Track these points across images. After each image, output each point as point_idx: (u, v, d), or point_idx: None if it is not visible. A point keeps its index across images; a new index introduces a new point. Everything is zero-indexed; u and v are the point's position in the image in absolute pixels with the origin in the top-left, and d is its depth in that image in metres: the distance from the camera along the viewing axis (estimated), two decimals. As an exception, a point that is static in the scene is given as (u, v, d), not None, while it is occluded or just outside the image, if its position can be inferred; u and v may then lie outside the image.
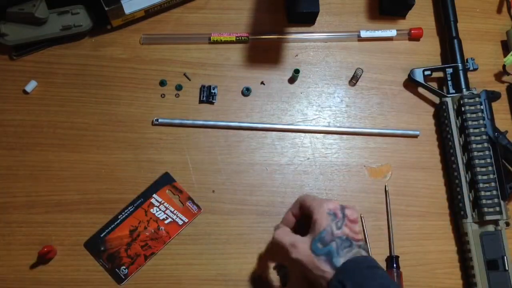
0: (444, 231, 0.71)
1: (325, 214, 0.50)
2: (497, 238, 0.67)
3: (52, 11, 0.70)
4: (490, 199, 0.67)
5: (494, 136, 0.69)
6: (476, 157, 0.68)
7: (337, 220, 0.50)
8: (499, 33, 0.80)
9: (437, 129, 0.75)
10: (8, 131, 0.68)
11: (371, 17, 0.79)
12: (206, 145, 0.70)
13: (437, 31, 0.79)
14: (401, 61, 0.77)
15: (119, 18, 0.71)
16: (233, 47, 0.75)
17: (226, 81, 0.73)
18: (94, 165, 0.68)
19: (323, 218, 0.50)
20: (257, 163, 0.70)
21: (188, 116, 0.71)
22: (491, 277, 0.65)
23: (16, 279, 0.63)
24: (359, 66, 0.75)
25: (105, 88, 0.71)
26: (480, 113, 0.69)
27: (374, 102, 0.75)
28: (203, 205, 0.68)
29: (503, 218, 0.66)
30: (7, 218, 0.65)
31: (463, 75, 0.73)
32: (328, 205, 0.51)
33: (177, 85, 0.72)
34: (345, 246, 0.49)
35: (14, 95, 0.70)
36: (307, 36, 0.77)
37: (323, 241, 0.49)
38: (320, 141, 0.73)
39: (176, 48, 0.74)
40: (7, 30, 0.69)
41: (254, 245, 0.66)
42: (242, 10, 0.77)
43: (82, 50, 0.72)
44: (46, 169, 0.67)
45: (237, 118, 0.72)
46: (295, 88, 0.75)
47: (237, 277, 0.66)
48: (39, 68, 0.71)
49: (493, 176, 0.67)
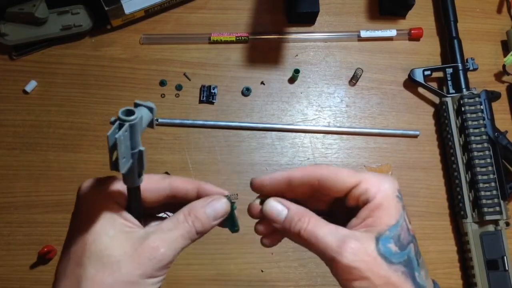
0: (444, 231, 0.71)
1: (394, 198, 0.34)
2: (497, 238, 0.67)
3: (52, 11, 0.70)
4: (490, 199, 0.67)
5: (494, 136, 0.69)
6: (476, 157, 0.68)
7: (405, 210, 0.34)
8: (499, 33, 0.80)
9: (437, 129, 0.75)
10: (8, 131, 0.68)
11: (371, 17, 0.79)
12: (206, 145, 0.70)
13: (437, 31, 0.79)
14: (401, 61, 0.77)
15: (119, 18, 0.71)
16: (233, 47, 0.75)
17: (226, 81, 0.73)
18: (94, 165, 0.68)
19: (391, 204, 0.33)
20: (257, 163, 0.70)
21: (188, 116, 0.71)
22: (491, 277, 0.65)
23: (16, 279, 0.63)
24: (359, 66, 0.75)
25: (105, 88, 0.71)
26: (480, 113, 0.69)
27: (374, 102, 0.75)
28: (203, 205, 0.68)
29: (503, 218, 0.66)
30: (7, 218, 0.65)
31: (463, 75, 0.73)
32: (395, 184, 0.35)
33: (177, 85, 0.72)
34: (419, 252, 0.34)
35: (14, 95, 0.70)
36: (307, 36, 0.77)
37: (399, 241, 0.33)
38: (320, 141, 0.72)
39: (176, 48, 0.74)
40: (7, 30, 0.69)
41: (254, 245, 0.66)
42: (242, 10, 0.77)
43: (82, 50, 0.72)
44: (46, 169, 0.67)
45: (237, 118, 0.72)
46: (295, 88, 0.75)
47: (237, 277, 0.66)
48: (39, 68, 0.71)
49: (493, 176, 0.67)
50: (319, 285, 0.66)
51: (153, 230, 0.33)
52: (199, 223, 0.34)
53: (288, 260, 0.67)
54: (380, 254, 0.32)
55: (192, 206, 0.34)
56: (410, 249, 0.33)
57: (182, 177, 0.37)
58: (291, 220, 0.34)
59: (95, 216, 0.32)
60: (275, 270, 0.66)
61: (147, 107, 0.31)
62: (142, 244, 0.32)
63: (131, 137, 0.29)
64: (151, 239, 0.32)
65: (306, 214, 0.34)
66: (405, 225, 0.33)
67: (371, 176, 0.34)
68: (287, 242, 0.37)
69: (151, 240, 0.32)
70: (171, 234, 0.33)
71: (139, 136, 0.30)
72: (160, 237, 0.32)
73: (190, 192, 0.36)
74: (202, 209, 0.34)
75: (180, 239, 0.33)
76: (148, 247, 0.32)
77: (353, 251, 0.31)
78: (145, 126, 0.31)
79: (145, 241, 0.32)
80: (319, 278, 0.66)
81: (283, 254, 0.67)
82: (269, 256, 0.67)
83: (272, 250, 0.67)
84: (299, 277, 0.66)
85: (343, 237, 0.32)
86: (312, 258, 0.67)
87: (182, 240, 0.33)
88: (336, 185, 0.35)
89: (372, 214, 0.33)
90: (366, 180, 0.34)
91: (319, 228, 0.33)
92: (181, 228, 0.33)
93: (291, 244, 0.66)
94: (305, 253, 0.66)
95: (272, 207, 0.35)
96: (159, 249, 0.32)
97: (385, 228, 0.32)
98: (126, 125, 0.29)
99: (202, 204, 0.35)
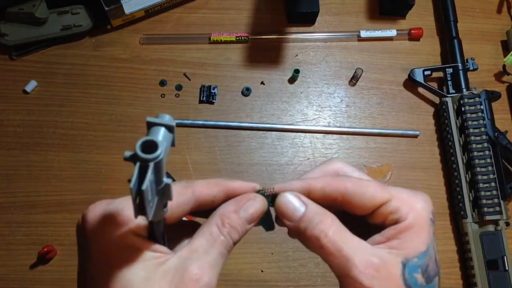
0: (444, 231, 0.71)
1: (427, 221, 0.30)
2: (497, 238, 0.66)
3: (52, 11, 0.70)
4: (490, 199, 0.67)
5: (494, 136, 0.69)
6: (476, 157, 0.68)
7: None
8: (499, 33, 0.80)
9: (437, 129, 0.75)
10: (8, 131, 0.68)
11: (371, 17, 0.79)
12: (206, 145, 0.70)
13: (437, 31, 0.79)
14: (401, 61, 0.77)
15: (119, 18, 0.71)
16: (233, 47, 0.75)
17: (226, 81, 0.73)
18: (94, 165, 0.68)
19: (424, 227, 0.29)
20: (257, 163, 0.70)
21: (188, 116, 0.71)
22: (491, 277, 0.65)
23: (16, 279, 0.63)
24: (359, 66, 0.75)
25: (105, 88, 0.71)
26: (480, 113, 0.69)
27: (374, 102, 0.75)
28: (203, 205, 0.68)
29: (503, 218, 0.66)
30: (7, 218, 0.65)
31: (463, 75, 0.73)
32: (429, 205, 0.30)
33: (177, 85, 0.72)
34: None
35: (14, 95, 0.70)
36: (307, 36, 0.77)
37: (426, 271, 0.29)
38: (320, 141, 0.72)
39: (176, 48, 0.74)
40: (7, 30, 0.69)
41: (254, 245, 0.66)
42: (242, 10, 0.77)
43: (82, 50, 0.72)
44: (46, 169, 0.67)
45: (237, 118, 0.72)
46: (295, 88, 0.75)
47: (237, 277, 0.65)
48: (39, 68, 0.71)
49: (493, 176, 0.67)
50: (319, 285, 0.66)
51: (186, 254, 0.28)
52: (235, 232, 0.29)
53: (288, 260, 0.67)
54: (405, 283, 0.27)
55: (225, 213, 0.30)
56: (435, 283, 0.29)
57: (204, 180, 0.31)
58: (310, 221, 0.29)
59: (118, 260, 0.27)
60: (275, 270, 0.66)
61: (166, 126, 0.24)
62: (183, 278, 0.27)
63: (155, 175, 0.23)
64: (191, 270, 0.27)
65: (328, 217, 0.30)
66: (434, 254, 0.29)
67: (403, 192, 0.30)
68: (287, 242, 0.37)
69: (191, 271, 0.27)
70: (210, 257, 0.28)
71: (164, 169, 0.24)
72: (199, 264, 0.27)
73: (217, 197, 0.31)
74: (236, 215, 0.29)
75: (219, 259, 0.28)
76: (190, 280, 0.27)
77: (375, 273, 0.27)
78: (168, 152, 0.24)
79: (185, 273, 0.27)
80: (319, 278, 0.66)
81: (283, 254, 0.67)
82: (269, 256, 0.67)
83: (272, 250, 0.67)
84: (299, 277, 0.66)
85: (368, 255, 0.28)
86: (312, 258, 0.67)
87: (222, 259, 0.29)
88: (363, 201, 0.30)
89: (400, 236, 0.29)
90: (398, 197, 0.30)
91: (345, 239, 0.29)
92: (219, 245, 0.29)
93: (291, 244, 0.67)
94: (305, 253, 0.66)
95: (288, 202, 0.30)
96: (203, 279, 0.27)
97: (414, 253, 0.28)
98: (150, 166, 0.22)
99: (235, 208, 0.30)
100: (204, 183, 0.30)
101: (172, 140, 0.25)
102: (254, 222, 0.30)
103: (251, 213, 0.30)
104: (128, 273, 0.26)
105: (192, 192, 0.30)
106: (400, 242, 0.29)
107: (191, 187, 0.30)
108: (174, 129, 0.25)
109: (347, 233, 0.29)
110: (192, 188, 0.30)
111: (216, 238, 0.29)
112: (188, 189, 0.30)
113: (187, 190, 0.30)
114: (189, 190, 0.30)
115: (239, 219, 0.29)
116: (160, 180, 0.24)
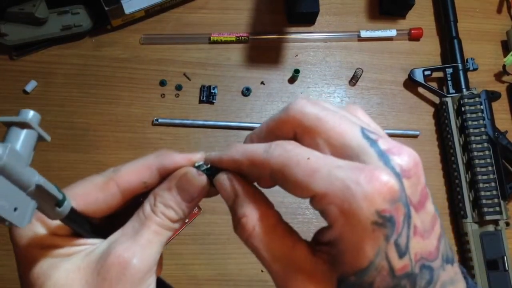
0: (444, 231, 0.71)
1: (368, 227, 0.21)
2: (497, 238, 0.66)
3: (52, 11, 0.70)
4: (490, 199, 0.67)
5: (494, 136, 0.69)
6: (476, 157, 0.68)
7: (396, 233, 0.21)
8: (499, 33, 0.80)
9: (437, 129, 0.75)
10: (8, 131, 0.68)
11: (371, 17, 0.79)
12: (206, 145, 0.70)
13: (437, 31, 0.79)
14: (401, 61, 0.77)
15: (119, 18, 0.71)
16: (233, 47, 0.75)
17: (226, 81, 0.73)
18: (94, 165, 0.68)
19: (361, 236, 0.21)
20: (257, 163, 0.70)
21: (188, 116, 0.71)
22: (491, 277, 0.65)
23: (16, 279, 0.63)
24: (359, 66, 0.75)
25: (105, 88, 0.71)
26: (480, 113, 0.69)
27: (374, 102, 0.75)
28: (203, 205, 0.68)
29: (503, 218, 0.66)
30: (7, 218, 0.65)
31: (463, 75, 0.73)
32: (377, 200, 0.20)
33: (177, 85, 0.72)
34: None
35: (14, 95, 0.70)
36: (307, 36, 0.77)
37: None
38: (320, 141, 0.72)
39: (176, 48, 0.74)
40: (7, 30, 0.69)
41: (254, 245, 0.66)
42: (242, 10, 0.77)
43: (82, 50, 0.72)
44: (46, 169, 0.67)
45: (237, 118, 0.72)
46: (295, 88, 0.75)
47: (237, 277, 0.66)
48: (39, 68, 0.71)
49: (493, 176, 0.67)
50: (319, 285, 0.66)
51: (115, 237, 0.26)
52: (171, 211, 0.26)
53: (288, 260, 0.67)
54: None
55: (157, 192, 0.27)
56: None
57: (134, 163, 0.27)
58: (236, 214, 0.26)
59: (35, 260, 0.26)
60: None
61: (17, 124, 0.21)
62: (105, 263, 0.24)
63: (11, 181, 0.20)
64: (115, 253, 0.24)
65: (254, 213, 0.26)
66: (386, 265, 0.21)
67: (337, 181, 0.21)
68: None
69: (114, 254, 0.24)
70: (141, 238, 0.25)
71: (24, 171, 0.21)
72: (125, 246, 0.25)
73: (149, 182, 0.27)
74: (169, 193, 0.26)
75: (154, 238, 0.26)
76: (113, 265, 0.24)
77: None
78: (30, 151, 0.21)
79: (108, 257, 0.24)
80: (319, 278, 0.66)
81: (283, 254, 0.67)
82: (269, 256, 0.67)
83: (272, 250, 0.67)
84: (299, 277, 0.66)
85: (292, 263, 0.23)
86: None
87: (158, 239, 0.26)
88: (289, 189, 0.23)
89: (334, 246, 0.22)
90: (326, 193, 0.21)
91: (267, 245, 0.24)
92: (152, 223, 0.26)
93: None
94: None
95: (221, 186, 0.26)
96: (130, 261, 0.24)
97: (349, 271, 0.22)
98: None
99: (167, 185, 0.27)
100: (132, 169, 0.27)
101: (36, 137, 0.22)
102: (193, 200, 0.27)
103: (186, 190, 0.26)
104: (45, 269, 0.25)
105: (116, 185, 0.27)
106: (337, 251, 0.22)
107: (116, 179, 0.27)
108: (34, 123, 0.22)
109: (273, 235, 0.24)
110: (116, 180, 0.27)
111: (148, 217, 0.26)
112: (111, 182, 0.27)
113: (109, 185, 0.27)
114: (112, 183, 0.27)
115: (173, 197, 0.26)
116: (26, 185, 0.21)
